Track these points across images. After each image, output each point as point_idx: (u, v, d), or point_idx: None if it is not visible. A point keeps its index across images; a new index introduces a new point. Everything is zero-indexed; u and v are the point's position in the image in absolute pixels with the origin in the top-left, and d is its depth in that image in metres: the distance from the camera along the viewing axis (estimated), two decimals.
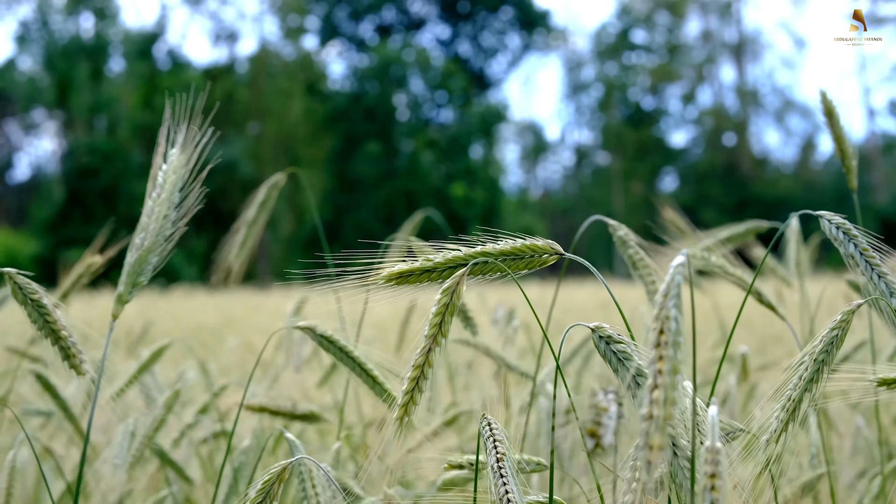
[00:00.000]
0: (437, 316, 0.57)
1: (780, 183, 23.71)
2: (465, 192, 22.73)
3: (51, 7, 23.28)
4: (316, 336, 0.79)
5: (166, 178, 0.64)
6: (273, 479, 0.64)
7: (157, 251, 0.62)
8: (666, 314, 0.42)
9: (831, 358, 0.64)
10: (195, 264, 19.70)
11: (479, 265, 0.59)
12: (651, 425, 0.40)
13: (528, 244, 0.60)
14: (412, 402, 0.57)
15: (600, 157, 27.65)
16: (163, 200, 0.63)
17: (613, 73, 27.12)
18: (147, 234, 0.62)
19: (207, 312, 5.84)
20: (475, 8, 26.86)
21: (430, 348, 0.57)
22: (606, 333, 0.57)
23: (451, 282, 0.58)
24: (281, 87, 24.17)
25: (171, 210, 0.63)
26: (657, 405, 0.40)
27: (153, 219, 0.62)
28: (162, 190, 0.63)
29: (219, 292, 9.16)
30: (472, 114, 24.03)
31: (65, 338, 0.65)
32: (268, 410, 0.97)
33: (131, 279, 0.61)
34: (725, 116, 26.77)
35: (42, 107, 24.02)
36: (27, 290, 0.66)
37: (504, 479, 0.58)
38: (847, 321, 0.64)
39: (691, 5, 27.04)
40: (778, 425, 0.63)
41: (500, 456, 0.59)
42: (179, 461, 1.17)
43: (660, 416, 0.40)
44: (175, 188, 0.64)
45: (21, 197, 23.97)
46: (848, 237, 0.64)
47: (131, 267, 0.61)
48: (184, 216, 0.63)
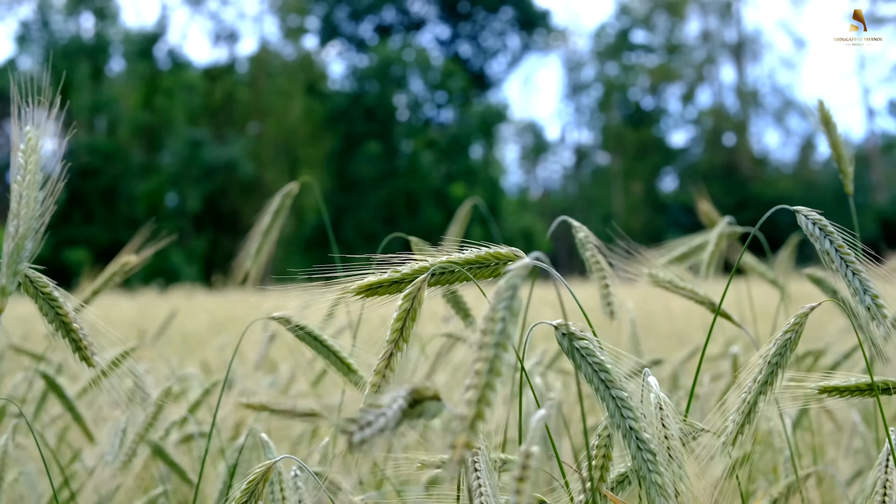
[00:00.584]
0: (399, 321, 0.58)
1: (780, 183, 23.71)
2: (465, 193, 22.73)
3: (51, 7, 23.29)
4: (292, 327, 0.79)
5: (27, 158, 0.62)
6: (258, 479, 0.64)
7: (31, 236, 0.61)
8: (493, 315, 0.42)
9: (785, 360, 0.64)
10: (195, 264, 19.71)
11: (445, 274, 0.60)
12: (460, 424, 0.39)
13: (493, 252, 0.60)
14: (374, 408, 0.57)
15: (600, 157, 27.66)
16: (29, 183, 0.61)
17: (613, 73, 27.13)
18: (20, 221, 0.61)
19: (207, 312, 5.85)
20: (475, 8, 26.86)
21: (392, 353, 0.57)
22: (569, 330, 0.57)
23: (412, 288, 0.58)
24: (281, 87, 24.17)
25: (38, 191, 0.62)
26: (469, 405, 0.40)
27: (23, 203, 0.61)
28: (26, 172, 0.62)
29: (218, 293, 9.16)
30: (471, 114, 24.03)
31: (76, 330, 0.66)
32: (268, 409, 0.97)
33: (11, 269, 0.60)
34: (725, 116, 26.78)
35: None
36: (38, 284, 0.66)
37: (477, 474, 0.58)
38: (801, 324, 0.64)
39: (691, 5, 27.04)
40: (734, 428, 0.64)
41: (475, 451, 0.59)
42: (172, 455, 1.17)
43: (470, 415, 0.40)
44: (38, 168, 0.62)
45: None
46: (824, 233, 0.64)
47: (9, 257, 0.61)
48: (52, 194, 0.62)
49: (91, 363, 0.65)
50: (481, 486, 0.58)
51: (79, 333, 0.66)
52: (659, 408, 0.58)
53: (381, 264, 0.60)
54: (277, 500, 0.71)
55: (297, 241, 19.98)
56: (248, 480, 0.65)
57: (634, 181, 25.58)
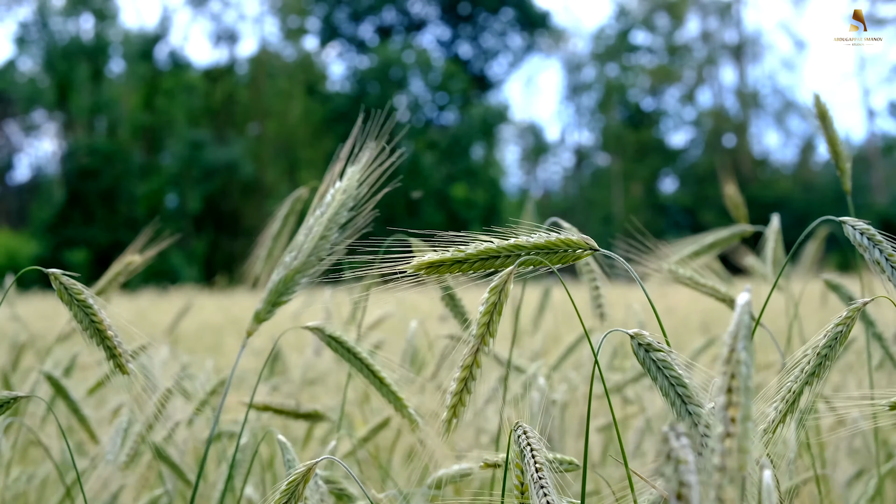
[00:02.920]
0: (486, 315, 0.55)
1: (780, 184, 23.71)
2: (466, 194, 22.73)
3: (50, 8, 23.28)
4: (325, 337, 0.78)
5: (335, 197, 0.63)
6: (298, 480, 0.63)
7: (306, 271, 0.62)
8: (737, 358, 0.40)
9: (834, 353, 0.64)
10: (195, 265, 19.70)
11: (510, 258, 0.57)
12: (723, 477, 0.37)
13: (563, 238, 0.58)
14: (461, 404, 0.56)
15: (600, 158, 27.66)
16: (325, 222, 0.62)
17: (613, 74, 27.13)
18: (299, 253, 0.62)
19: (209, 313, 5.84)
20: (475, 9, 26.86)
21: (479, 348, 0.55)
22: (646, 341, 0.55)
23: (498, 280, 0.56)
24: (281, 88, 24.17)
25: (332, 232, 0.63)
26: (729, 456, 0.38)
27: (309, 238, 0.62)
28: (327, 209, 0.62)
29: (218, 293, 9.15)
30: (472, 115, 24.03)
31: (111, 338, 0.66)
32: (272, 409, 0.97)
33: (273, 297, 0.61)
34: (725, 118, 26.78)
35: (42, 108, 24.02)
36: (73, 291, 0.66)
37: (545, 490, 0.57)
38: (852, 318, 0.64)
39: (691, 6, 27.05)
40: (776, 416, 0.63)
41: (540, 466, 0.58)
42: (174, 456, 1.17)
43: (732, 467, 0.37)
44: (339, 212, 0.63)
45: (21, 198, 23.97)
46: (873, 243, 0.64)
47: (275, 286, 0.61)
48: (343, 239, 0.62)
49: (125, 371, 0.65)
50: (545, 487, 0.57)
51: (114, 341, 0.66)
52: None
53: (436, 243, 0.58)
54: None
55: None
56: (289, 480, 0.63)
57: (634, 182, 25.58)
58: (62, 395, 1.12)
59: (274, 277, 0.61)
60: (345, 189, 0.61)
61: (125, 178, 21.84)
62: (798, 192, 23.27)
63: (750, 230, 1.17)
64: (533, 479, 0.57)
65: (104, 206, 21.36)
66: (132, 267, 1.13)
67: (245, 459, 1.10)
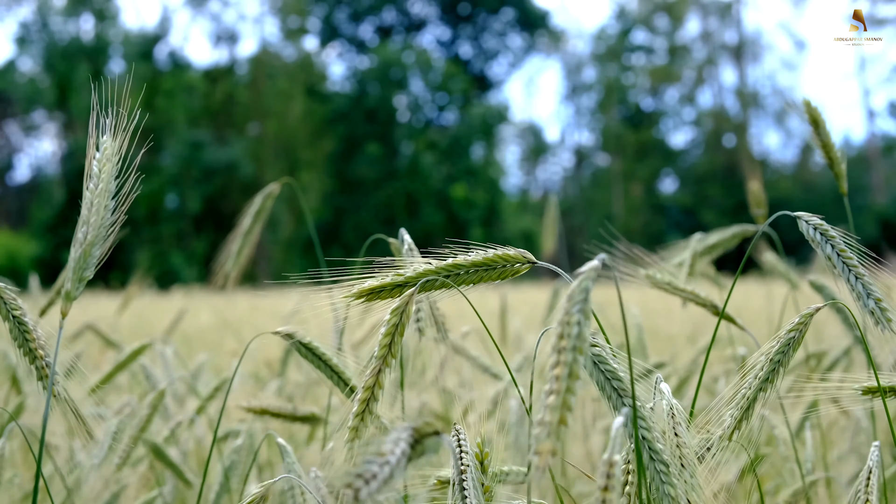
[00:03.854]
0: (387, 336, 0.56)
1: (780, 184, 23.70)
2: (466, 194, 22.73)
3: (51, 8, 23.28)
4: (294, 343, 0.77)
5: (101, 167, 0.62)
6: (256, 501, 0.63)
7: (99, 244, 0.61)
8: (567, 319, 0.41)
9: (787, 359, 0.64)
10: (195, 265, 19.70)
11: (450, 277, 0.58)
12: (543, 431, 0.39)
13: (501, 254, 0.59)
14: (363, 424, 0.56)
15: (600, 158, 27.66)
16: (101, 191, 0.61)
17: (613, 74, 27.12)
18: (89, 228, 0.61)
19: (207, 313, 5.84)
20: (475, 9, 26.86)
21: (381, 369, 0.56)
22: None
23: (399, 302, 0.56)
24: (281, 88, 24.17)
25: (110, 200, 0.62)
26: (551, 410, 0.39)
27: (93, 211, 0.61)
28: (99, 181, 0.62)
29: (218, 294, 9.15)
30: (472, 115, 24.02)
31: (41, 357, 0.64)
32: (269, 412, 0.97)
33: (77, 275, 0.60)
34: (725, 118, 26.78)
35: (42, 108, 24.02)
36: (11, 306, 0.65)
37: (465, 493, 0.57)
38: (805, 323, 0.64)
39: (691, 6, 27.04)
40: (731, 422, 0.64)
41: (464, 469, 0.58)
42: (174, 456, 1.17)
43: (553, 421, 0.39)
44: (111, 178, 0.62)
45: (21, 198, 23.97)
46: (825, 238, 0.64)
47: (76, 262, 0.61)
48: (122, 205, 0.62)
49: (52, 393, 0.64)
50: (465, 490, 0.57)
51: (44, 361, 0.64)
52: (671, 415, 0.57)
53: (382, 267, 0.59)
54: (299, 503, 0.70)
55: (297, 243, 19.98)
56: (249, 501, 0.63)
57: (634, 182, 25.57)
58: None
59: (73, 254, 0.61)
60: (107, 158, 0.61)
61: None
62: (798, 192, 23.26)
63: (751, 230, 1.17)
64: (454, 482, 0.58)
65: None
66: None
67: (243, 462, 1.10)
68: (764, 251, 1.40)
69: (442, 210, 22.31)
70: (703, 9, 27.22)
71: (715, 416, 0.64)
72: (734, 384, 0.65)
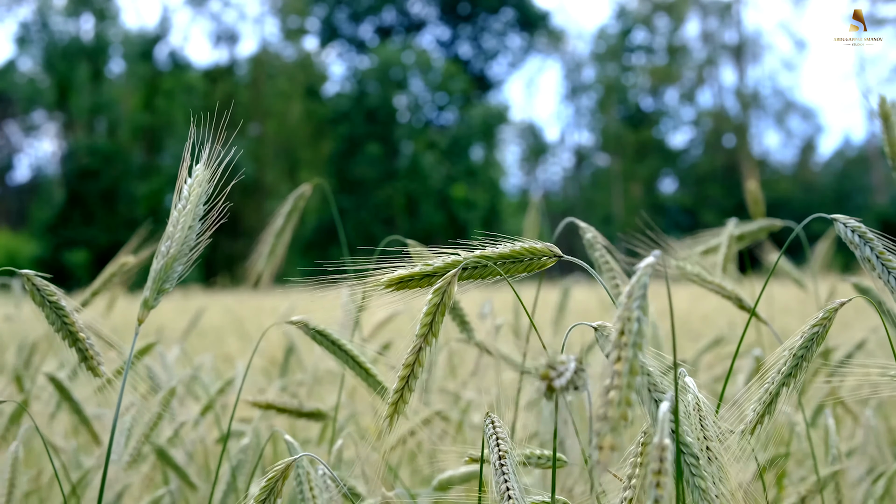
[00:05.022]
0: (428, 315, 0.57)
1: (780, 184, 23.71)
2: (466, 194, 22.73)
3: (51, 8, 23.28)
4: (309, 331, 0.79)
5: (191, 190, 0.64)
6: (277, 476, 0.64)
7: (181, 259, 0.63)
8: (628, 315, 0.42)
9: (811, 354, 0.64)
10: (195, 265, 19.68)
11: (478, 269, 0.59)
12: (604, 426, 0.39)
13: (527, 247, 0.60)
14: (402, 401, 0.57)
15: (600, 158, 27.66)
16: (188, 212, 0.64)
17: (613, 74, 27.12)
18: (172, 243, 0.63)
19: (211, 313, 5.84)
20: (475, 9, 26.86)
21: (421, 348, 0.57)
22: (609, 332, 0.56)
23: (442, 282, 0.58)
24: (281, 88, 24.17)
25: (196, 221, 0.65)
26: (612, 406, 0.40)
27: (179, 228, 0.63)
28: (188, 202, 0.64)
29: (217, 293, 9.15)
30: (472, 115, 24.02)
31: (83, 340, 0.66)
32: (274, 407, 0.97)
33: (157, 285, 0.62)
34: (725, 118, 26.78)
35: (42, 108, 24.02)
36: (45, 292, 0.66)
37: (506, 477, 0.58)
38: (829, 318, 0.64)
39: (691, 6, 27.04)
40: (754, 417, 0.64)
41: (503, 453, 0.59)
42: (178, 458, 1.17)
43: (614, 416, 0.40)
44: (199, 202, 0.65)
45: (21, 198, 23.96)
46: (864, 240, 0.64)
47: (157, 273, 0.62)
48: (208, 228, 0.64)
49: (98, 373, 0.66)
50: (510, 490, 0.58)
51: (86, 343, 0.66)
52: (697, 409, 0.58)
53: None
54: (307, 499, 0.70)
55: (297, 243, 19.96)
56: (269, 477, 0.64)
57: (634, 183, 25.57)
58: (65, 397, 1.12)
59: (155, 266, 0.63)
60: (198, 183, 0.63)
61: (125, 179, 21.84)
62: (798, 192, 23.27)
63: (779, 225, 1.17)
64: (495, 467, 0.59)
65: (104, 206, 21.36)
66: (127, 268, 1.13)
67: (249, 460, 1.10)
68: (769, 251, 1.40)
69: (442, 210, 22.30)
70: (703, 9, 27.22)
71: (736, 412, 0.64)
72: (757, 378, 0.65)
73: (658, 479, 0.43)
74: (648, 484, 0.43)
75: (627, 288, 0.43)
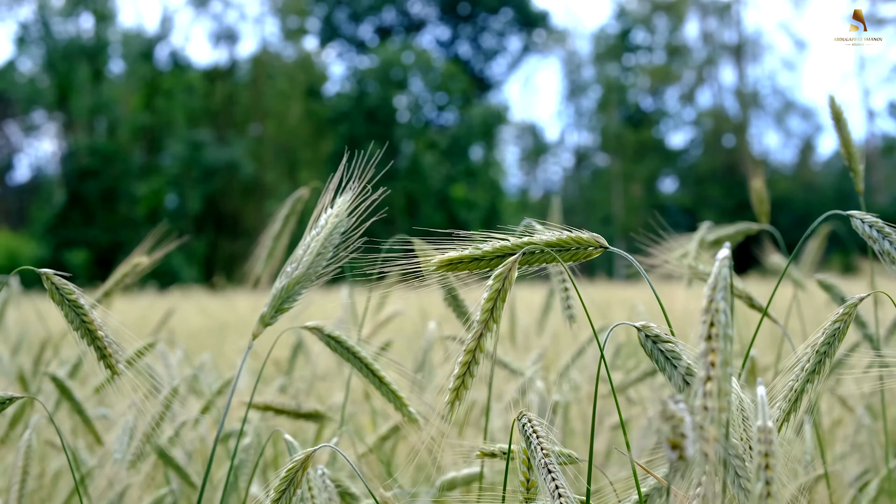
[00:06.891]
0: (490, 301, 0.57)
1: (780, 184, 23.70)
2: (466, 194, 22.73)
3: (50, 8, 23.27)
4: (323, 336, 0.79)
5: (328, 220, 0.65)
6: (297, 467, 0.64)
7: (305, 283, 0.64)
8: (716, 307, 0.43)
9: (833, 350, 0.64)
10: (195, 265, 19.70)
11: (526, 255, 0.59)
12: (706, 417, 0.40)
13: (574, 236, 0.60)
14: (463, 387, 0.57)
15: (600, 158, 27.66)
16: (321, 238, 0.64)
17: (613, 74, 27.12)
18: (299, 265, 0.63)
19: (209, 313, 5.84)
20: (475, 9, 26.86)
21: (482, 333, 0.57)
22: (653, 332, 0.56)
23: (502, 268, 0.58)
24: (281, 88, 24.17)
25: (328, 249, 0.65)
26: (711, 397, 0.40)
27: (308, 252, 0.63)
28: (322, 229, 0.64)
29: (217, 294, 9.15)
30: (472, 115, 24.02)
31: (101, 338, 0.66)
32: (272, 409, 0.97)
33: (277, 303, 0.63)
34: (725, 118, 26.78)
35: (42, 108, 24.02)
36: (64, 291, 0.67)
37: (553, 475, 0.58)
38: (849, 314, 0.64)
39: (691, 6, 27.04)
40: (780, 415, 0.64)
41: (547, 452, 0.59)
42: (179, 457, 1.17)
43: (714, 407, 0.40)
44: (333, 233, 0.65)
45: (21, 198, 23.97)
46: (882, 234, 0.65)
47: (279, 292, 0.63)
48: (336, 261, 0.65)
49: (116, 371, 0.66)
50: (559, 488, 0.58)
51: (104, 341, 0.66)
52: (740, 409, 0.57)
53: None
54: (307, 499, 0.70)
55: (296, 243, 19.94)
56: (288, 468, 0.63)
57: (634, 182, 25.57)
58: (67, 396, 1.12)
59: (277, 285, 0.63)
60: (336, 214, 0.64)
61: (125, 179, 21.84)
62: (798, 192, 23.27)
63: (755, 228, 1.18)
64: (541, 465, 0.59)
65: (104, 206, 21.36)
66: (139, 269, 1.13)
67: (249, 460, 1.10)
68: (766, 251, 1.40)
69: (442, 210, 22.31)
70: (703, 9, 27.22)
71: None
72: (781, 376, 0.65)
73: (766, 462, 0.44)
74: (757, 466, 0.44)
75: (710, 279, 0.44)
